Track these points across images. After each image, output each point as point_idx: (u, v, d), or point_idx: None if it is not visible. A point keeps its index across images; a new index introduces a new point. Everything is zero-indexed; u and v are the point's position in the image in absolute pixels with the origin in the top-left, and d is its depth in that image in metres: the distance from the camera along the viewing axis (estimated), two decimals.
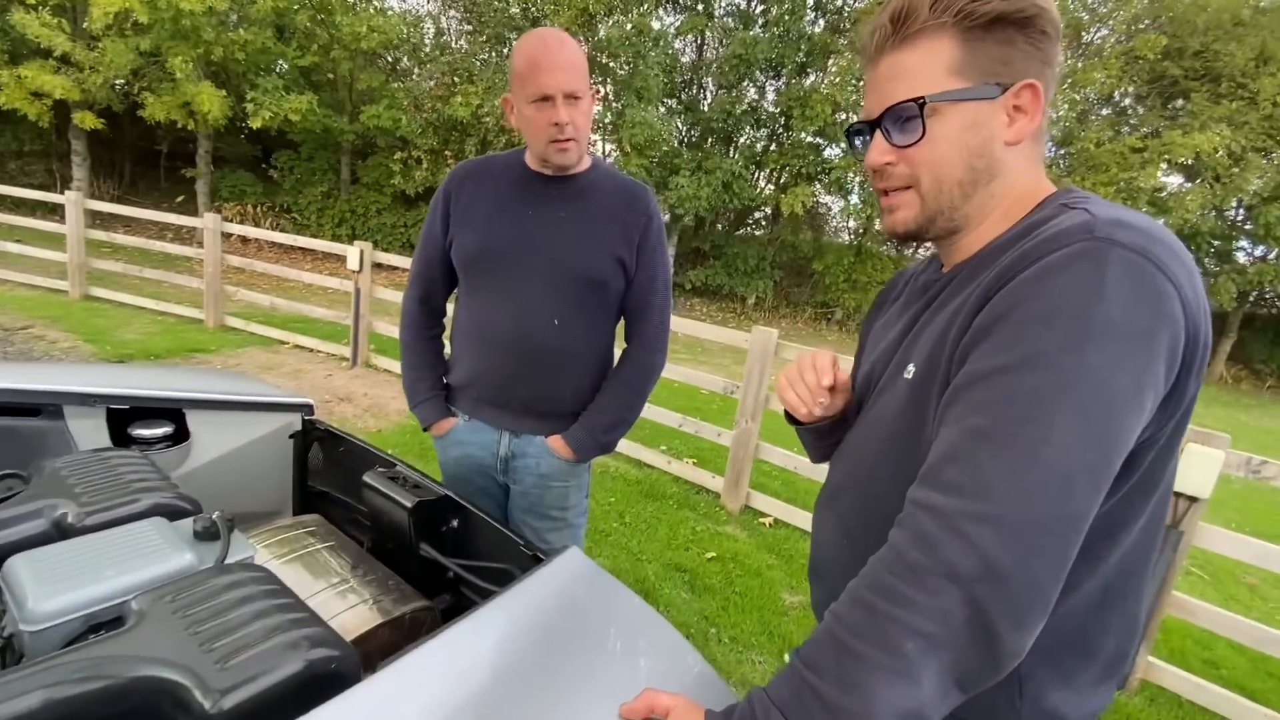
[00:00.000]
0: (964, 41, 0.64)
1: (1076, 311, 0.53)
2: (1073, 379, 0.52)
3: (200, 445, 1.38)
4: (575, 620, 0.92)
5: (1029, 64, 0.64)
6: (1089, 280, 0.53)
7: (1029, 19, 0.63)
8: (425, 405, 1.49)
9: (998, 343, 0.57)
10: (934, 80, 0.65)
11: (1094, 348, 0.52)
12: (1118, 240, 0.54)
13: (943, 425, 0.60)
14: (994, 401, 0.55)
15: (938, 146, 0.66)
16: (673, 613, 2.55)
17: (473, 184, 1.41)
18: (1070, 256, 0.55)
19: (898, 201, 0.72)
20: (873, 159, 0.71)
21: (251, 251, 11.09)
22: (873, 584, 0.57)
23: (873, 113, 0.70)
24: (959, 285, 0.70)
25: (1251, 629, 2.29)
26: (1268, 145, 13.11)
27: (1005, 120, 0.66)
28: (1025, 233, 0.64)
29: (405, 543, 1.19)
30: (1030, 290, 0.56)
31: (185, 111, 10.52)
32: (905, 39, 0.66)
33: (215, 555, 0.89)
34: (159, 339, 5.52)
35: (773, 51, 12.63)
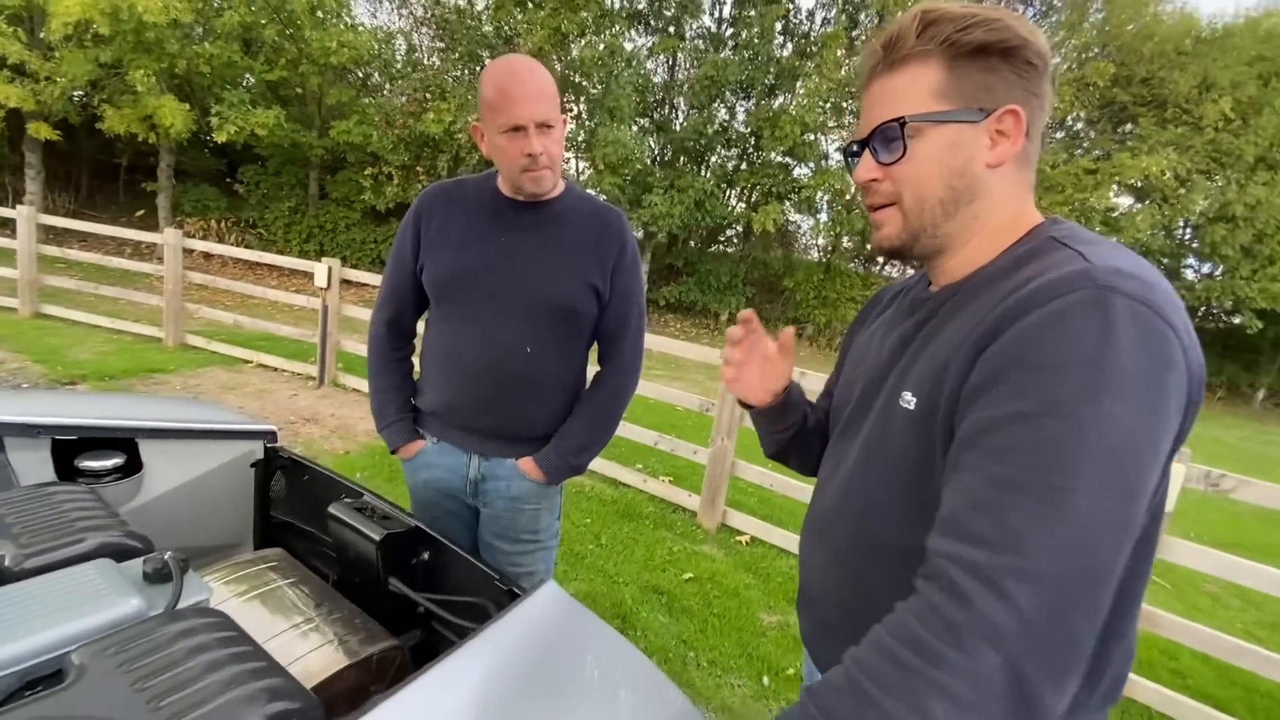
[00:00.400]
0: (949, 67, 0.67)
1: (1090, 360, 0.53)
2: (1093, 428, 0.52)
3: (154, 477, 1.31)
4: (554, 660, 0.89)
5: (1012, 91, 0.67)
6: (1098, 329, 0.54)
7: (1013, 49, 0.66)
8: (393, 428, 1.45)
9: (1013, 389, 0.56)
10: (917, 102, 0.68)
11: (1110, 396, 0.53)
12: (1120, 289, 0.55)
13: (959, 471, 0.59)
14: (1015, 449, 0.55)
15: (919, 165, 0.69)
16: (650, 637, 2.51)
17: (444, 207, 1.39)
18: (1077, 305, 0.56)
19: (883, 218, 0.75)
20: (860, 175, 0.74)
21: (215, 268, 10.80)
22: (902, 636, 0.55)
23: (863, 132, 0.74)
24: (952, 310, 0.71)
25: (1216, 639, 2.34)
26: (1211, 168, 13.78)
27: (988, 144, 0.68)
28: (1016, 264, 0.66)
29: (373, 577, 1.14)
30: (1040, 336, 0.56)
31: (146, 125, 10.26)
32: (894, 64, 0.70)
33: (166, 600, 0.84)
34: (114, 359, 5.30)
35: (742, 73, 12.88)
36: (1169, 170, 13.20)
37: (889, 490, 0.73)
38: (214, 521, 1.41)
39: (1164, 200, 13.77)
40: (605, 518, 3.56)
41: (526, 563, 1.54)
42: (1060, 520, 0.51)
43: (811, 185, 12.75)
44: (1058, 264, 0.61)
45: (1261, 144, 13.40)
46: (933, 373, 0.67)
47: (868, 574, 0.76)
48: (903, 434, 0.71)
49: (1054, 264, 0.61)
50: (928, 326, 0.74)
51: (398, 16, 13.80)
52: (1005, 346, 0.58)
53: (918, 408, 0.69)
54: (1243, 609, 3.86)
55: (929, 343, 0.71)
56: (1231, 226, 13.67)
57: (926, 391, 0.68)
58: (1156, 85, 14.12)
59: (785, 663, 2.47)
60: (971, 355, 0.62)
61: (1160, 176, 13.17)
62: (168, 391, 4.81)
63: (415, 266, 1.40)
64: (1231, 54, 13.67)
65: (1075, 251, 0.62)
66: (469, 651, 0.85)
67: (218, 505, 1.41)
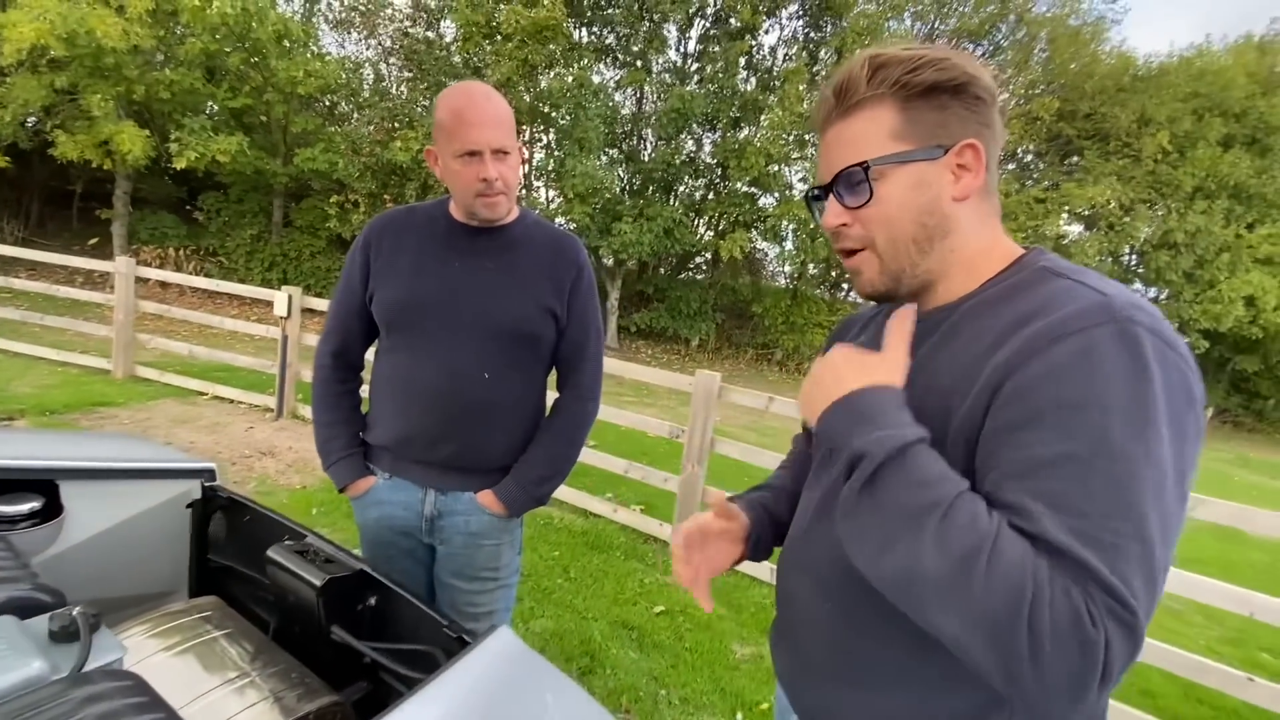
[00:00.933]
0: (902, 109, 0.68)
1: (1131, 397, 0.54)
2: (1143, 469, 0.53)
3: (75, 521, 1.21)
4: (505, 712, 0.83)
5: (966, 126, 0.68)
6: (1132, 366, 0.55)
7: (961, 85, 0.67)
8: (341, 465, 1.38)
9: (1056, 429, 0.56)
10: (877, 145, 0.69)
11: (1152, 435, 0.54)
12: (1141, 323, 0.57)
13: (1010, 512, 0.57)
14: (1074, 495, 0.54)
15: (887, 206, 0.69)
16: (620, 674, 2.42)
17: (394, 235, 1.35)
18: (1106, 339, 0.56)
19: (858, 263, 0.74)
20: (829, 221, 0.74)
21: (173, 297, 10.46)
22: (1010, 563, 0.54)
23: (824, 178, 0.74)
24: (943, 340, 0.70)
25: (1181, 658, 2.36)
26: (1152, 197, 14.53)
27: (951, 179, 0.69)
28: (1011, 293, 0.67)
29: (314, 626, 1.07)
30: (1076, 373, 0.56)
31: (102, 151, 9.98)
32: (847, 110, 0.71)
33: (73, 661, 0.76)
34: (57, 392, 5.05)
35: (708, 106, 13.19)
36: (1113, 199, 13.88)
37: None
38: (145, 568, 1.31)
39: (1110, 228, 14.43)
40: (574, 550, 3.47)
41: (486, 602, 1.47)
42: (1134, 567, 0.52)
43: (776, 214, 13.03)
44: (1065, 294, 0.62)
45: (1198, 175, 14.20)
46: (933, 402, 0.66)
47: (859, 606, 0.72)
48: None
49: (1060, 294, 0.62)
50: (918, 353, 0.72)
51: (365, 47, 13.83)
52: (1036, 382, 0.58)
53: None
54: (1205, 625, 3.92)
55: (920, 372, 0.70)
56: (1174, 253, 14.37)
57: (926, 419, 0.66)
58: (1099, 119, 14.91)
59: (759, 696, 2.40)
60: (991, 386, 0.61)
61: (1106, 205, 13.84)
62: (115, 426, 4.59)
63: (364, 295, 1.36)
64: (1167, 91, 14.54)
65: (1077, 282, 0.63)
66: (413, 706, 0.79)
67: (149, 550, 1.31)
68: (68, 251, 8.98)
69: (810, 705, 0.82)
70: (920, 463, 0.59)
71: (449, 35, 13.32)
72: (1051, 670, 0.51)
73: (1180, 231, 14.14)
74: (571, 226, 12.35)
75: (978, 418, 0.61)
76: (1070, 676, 0.51)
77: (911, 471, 0.59)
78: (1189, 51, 15.96)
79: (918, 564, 0.56)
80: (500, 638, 0.90)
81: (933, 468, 0.59)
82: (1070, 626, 0.50)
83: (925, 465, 0.59)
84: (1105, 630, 0.51)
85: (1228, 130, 14.54)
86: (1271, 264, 14.29)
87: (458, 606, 1.45)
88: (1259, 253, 14.16)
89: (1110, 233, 14.40)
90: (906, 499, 0.58)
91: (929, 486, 0.58)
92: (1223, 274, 14.11)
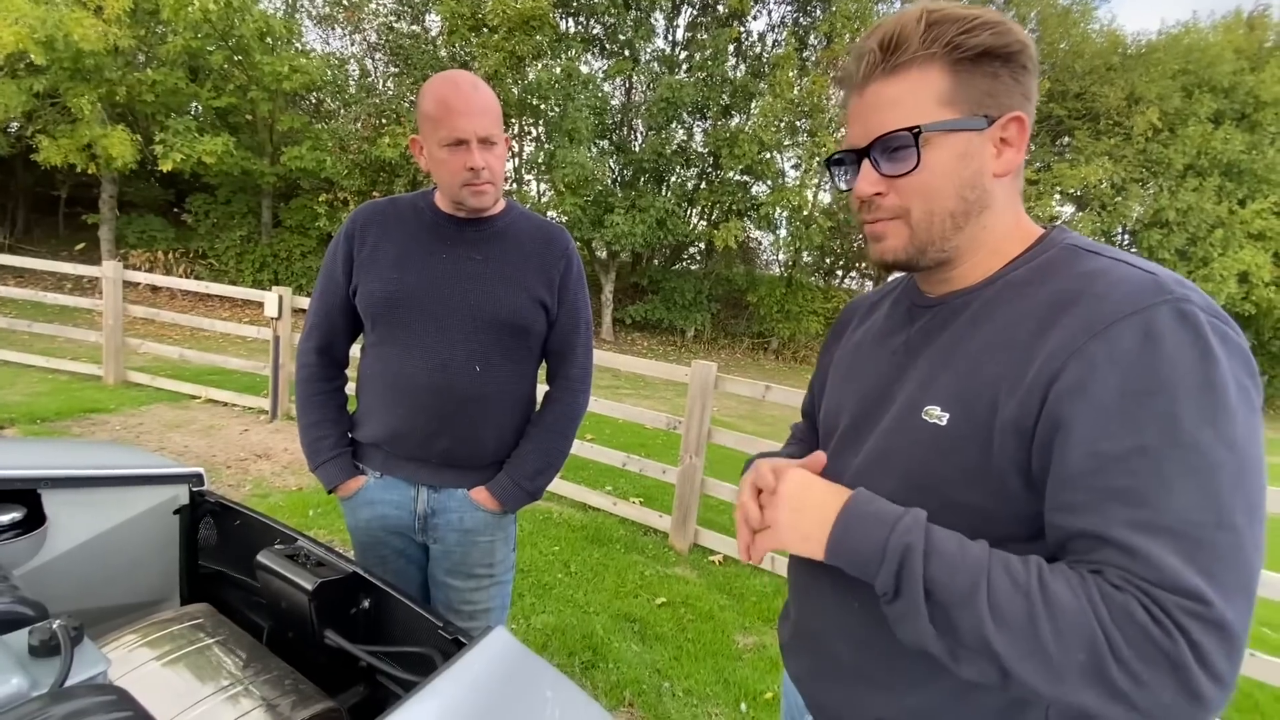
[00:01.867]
0: (953, 73, 0.63)
1: (1198, 382, 0.52)
2: (1220, 455, 0.51)
3: (59, 531, 1.19)
4: (503, 713, 0.81)
5: (1012, 97, 0.64)
6: (1196, 348, 0.52)
7: (1014, 54, 0.63)
8: (330, 465, 1.35)
9: (1122, 421, 0.53)
10: (925, 110, 0.63)
11: (1224, 418, 0.51)
12: (1195, 301, 0.54)
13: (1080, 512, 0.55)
14: (1147, 490, 0.52)
15: (931, 177, 0.65)
16: (623, 668, 2.41)
17: (378, 227, 1.32)
18: (1164, 321, 0.53)
19: (884, 230, 0.69)
20: (863, 189, 0.68)
21: (163, 301, 10.39)
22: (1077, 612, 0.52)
23: (859, 142, 0.68)
24: (973, 319, 0.67)
25: None
26: (1144, 176, 14.52)
27: (994, 152, 0.65)
28: (1042, 272, 0.64)
29: (308, 631, 1.04)
30: (1138, 358, 0.53)
31: (86, 155, 9.86)
32: (895, 68, 0.64)
33: (53, 676, 0.73)
34: (48, 399, 5.00)
35: (698, 95, 13.10)
36: (1105, 179, 13.86)
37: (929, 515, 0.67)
38: (133, 577, 1.28)
39: (1103, 208, 14.43)
40: (574, 544, 3.46)
41: (482, 599, 1.45)
42: (1225, 565, 0.50)
43: (769, 202, 12.98)
44: (1107, 273, 0.59)
45: (1189, 153, 14.19)
46: (974, 389, 0.63)
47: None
48: (932, 451, 0.65)
49: (1101, 273, 0.59)
50: (942, 337, 0.69)
51: (350, 42, 13.67)
52: (1096, 369, 0.55)
53: (954, 425, 0.64)
54: None
55: (951, 354, 0.67)
56: (1166, 231, 14.39)
57: (966, 408, 0.63)
58: (1089, 99, 14.87)
59: (762, 686, 2.40)
60: (1046, 375, 0.57)
61: (1098, 185, 13.82)
62: (107, 432, 4.55)
63: (348, 289, 1.33)
64: (1156, 68, 14.50)
65: (1114, 260, 0.61)
66: (410, 709, 0.77)
67: (137, 558, 1.28)
68: (55, 257, 8.90)
69: (832, 706, 0.78)
70: (941, 536, 0.58)
71: (434, 29, 13.18)
72: (1159, 692, 0.49)
73: (1172, 209, 14.15)
74: (563, 219, 12.28)
75: (1033, 408, 0.58)
76: (1176, 690, 0.49)
77: (945, 552, 0.57)
78: (1177, 28, 15.93)
79: (991, 648, 0.53)
80: (497, 638, 0.88)
81: (949, 536, 0.58)
82: (1151, 647, 0.49)
83: (945, 536, 0.58)
84: (1184, 632, 0.48)
85: (1217, 106, 14.52)
86: (1264, 239, 14.33)
87: (453, 605, 1.43)
88: (1251, 228, 14.19)
89: (1103, 212, 14.40)
90: (953, 581, 0.56)
91: (964, 561, 0.56)
92: (1215, 251, 14.15)
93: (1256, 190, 14.45)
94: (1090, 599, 0.51)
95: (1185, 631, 0.48)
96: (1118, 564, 0.52)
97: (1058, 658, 0.51)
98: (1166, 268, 0.62)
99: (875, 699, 0.72)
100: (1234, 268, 13.96)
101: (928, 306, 0.73)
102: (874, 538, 0.60)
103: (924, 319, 0.73)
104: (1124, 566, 0.52)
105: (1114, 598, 0.51)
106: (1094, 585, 0.52)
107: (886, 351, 0.76)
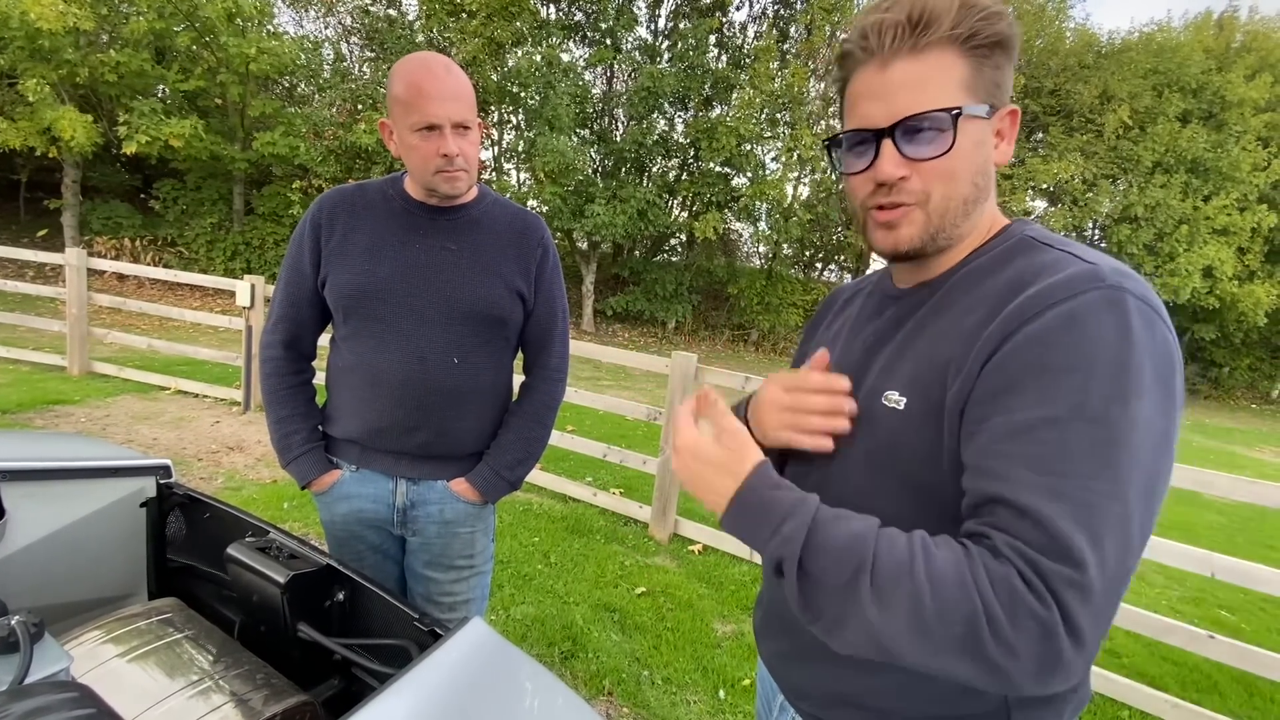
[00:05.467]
0: (969, 59, 0.63)
1: (1114, 361, 0.53)
2: (1125, 432, 0.52)
3: (19, 525, 1.15)
4: (480, 704, 0.80)
5: (1006, 89, 0.66)
6: (1117, 330, 0.54)
7: (1013, 48, 0.64)
8: (302, 460, 1.32)
9: (1037, 394, 0.55)
10: (953, 94, 0.62)
11: (1135, 398, 0.53)
12: (1129, 290, 0.56)
13: (988, 477, 0.56)
14: (1050, 457, 0.53)
15: (958, 161, 0.64)
16: (603, 658, 2.42)
17: (346, 215, 1.28)
18: (1092, 305, 0.55)
19: (899, 217, 0.67)
20: (888, 171, 0.64)
21: (131, 289, 10.09)
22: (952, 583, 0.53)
23: (881, 121, 0.64)
24: (935, 308, 0.68)
25: (1146, 618, 2.44)
26: (1114, 172, 14.81)
27: (995, 142, 0.66)
28: (999, 261, 0.65)
29: (280, 624, 1.03)
30: (1060, 338, 0.55)
31: (46, 138, 9.50)
32: (921, 47, 0.62)
33: (12, 673, 0.71)
34: (8, 391, 4.84)
35: (679, 85, 13.03)
36: (1077, 175, 14.12)
37: (886, 497, 0.67)
38: (98, 571, 1.25)
39: (1074, 203, 14.70)
40: (554, 535, 3.45)
41: (462, 590, 1.45)
42: (1106, 528, 0.51)
43: (749, 194, 12.99)
44: (1054, 264, 0.60)
45: (1158, 150, 14.50)
46: (929, 373, 0.64)
47: None
48: (891, 435, 0.67)
49: (1048, 264, 0.61)
50: (907, 325, 0.71)
51: (324, 25, 13.33)
52: (1021, 348, 0.57)
53: (910, 408, 0.66)
54: (1166, 586, 4.07)
55: (913, 342, 0.69)
56: (1135, 226, 14.70)
57: (922, 392, 0.65)
58: (1063, 96, 15.10)
59: (741, 673, 2.42)
60: (982, 356, 0.59)
61: (1070, 181, 14.07)
62: (71, 424, 4.42)
63: (316, 280, 1.29)
64: (1128, 67, 14.77)
65: (1064, 252, 0.62)
66: (385, 701, 0.76)
67: (102, 553, 1.25)
68: (16, 244, 8.58)
69: (802, 685, 0.81)
70: (827, 532, 0.58)
71: (412, 13, 12.90)
72: (1031, 660, 0.50)
73: (1141, 205, 14.46)
74: (544, 208, 12.17)
75: (968, 388, 0.60)
76: (1046, 659, 0.50)
77: (827, 548, 0.58)
78: (1150, 27, 16.24)
79: (874, 630, 0.55)
80: (474, 629, 0.87)
81: (839, 529, 0.58)
82: (1027, 616, 0.50)
83: (833, 532, 0.58)
84: (1058, 599, 0.50)
85: (1185, 105, 14.84)
86: (1227, 234, 14.73)
87: (433, 597, 1.42)
88: (1216, 224, 14.56)
89: (1074, 207, 14.67)
90: (835, 575, 0.57)
91: (847, 551, 0.57)
92: (1181, 246, 14.50)
93: (1221, 187, 14.83)
94: (973, 572, 0.52)
95: (1060, 599, 0.50)
96: (1007, 526, 0.53)
97: (937, 633, 0.52)
98: (1133, 263, 0.63)
99: (842, 677, 0.74)
100: (1199, 262, 14.32)
101: (898, 297, 0.75)
102: (758, 536, 0.62)
103: (891, 310, 0.75)
104: (1012, 528, 0.53)
105: (995, 570, 0.52)
106: (977, 557, 0.53)
107: (859, 342, 0.77)
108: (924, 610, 0.52)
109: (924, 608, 0.52)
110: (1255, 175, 14.49)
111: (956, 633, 0.51)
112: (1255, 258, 15.11)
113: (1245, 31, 16.25)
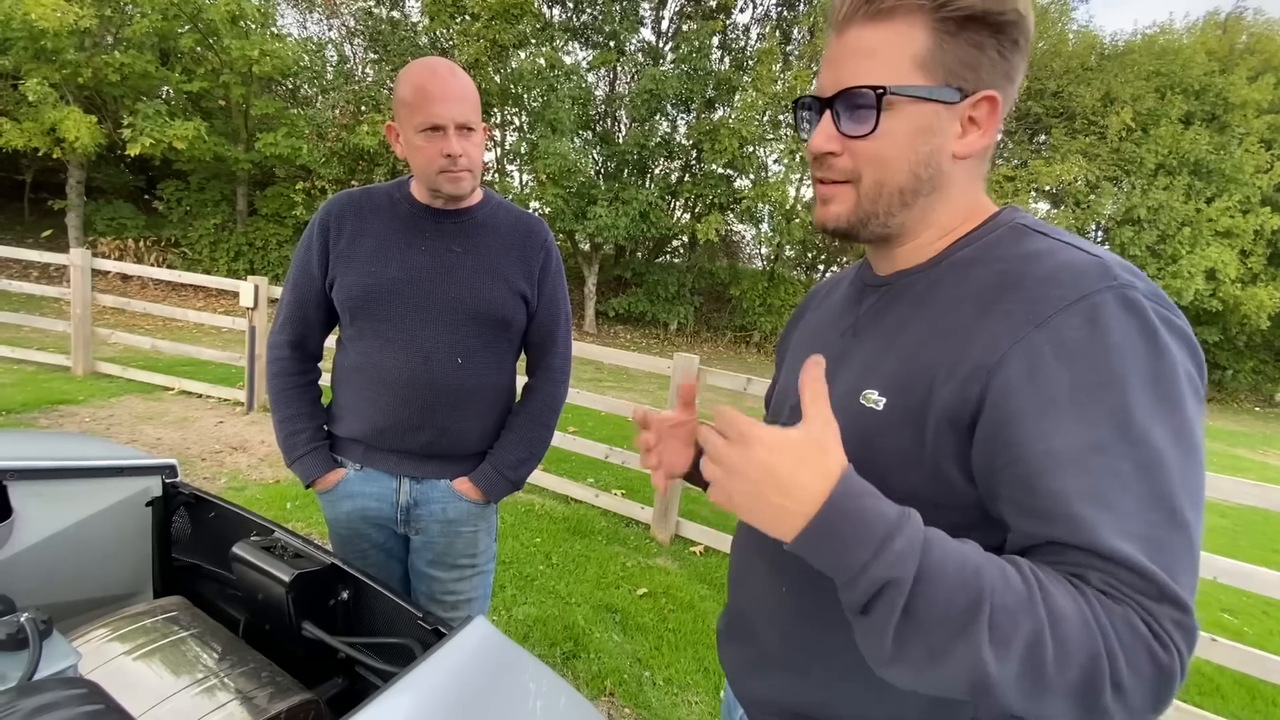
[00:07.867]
0: (935, 33, 0.57)
1: (1148, 374, 0.50)
2: (1167, 448, 0.50)
3: (25, 524, 1.16)
4: (483, 703, 0.81)
5: (993, 74, 0.59)
6: (1145, 337, 0.51)
7: (1007, 24, 0.58)
8: (307, 459, 1.33)
9: (1075, 416, 0.51)
10: (897, 70, 0.58)
11: (1174, 411, 0.50)
12: (1140, 288, 0.53)
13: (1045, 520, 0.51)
14: (1106, 490, 0.49)
15: (887, 145, 0.60)
16: (604, 659, 2.42)
17: (354, 218, 1.30)
18: (1110, 309, 0.52)
19: (831, 193, 0.65)
20: (817, 144, 0.62)
21: (134, 290, 10.13)
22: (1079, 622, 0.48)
23: (826, 90, 0.62)
24: (915, 300, 0.65)
25: None
26: (1117, 174, 14.79)
27: (958, 131, 0.60)
28: (986, 252, 0.61)
29: (285, 623, 1.03)
30: (1086, 349, 0.51)
31: (50, 139, 9.54)
32: (880, 13, 0.58)
33: (21, 670, 0.72)
34: (13, 391, 4.86)
35: (682, 87, 13.04)
36: (1080, 177, 14.10)
37: None
38: (104, 570, 1.26)
39: (1076, 205, 14.69)
40: (556, 536, 3.46)
41: (465, 589, 1.46)
42: (1178, 556, 0.49)
43: (752, 196, 12.99)
44: (1051, 254, 0.57)
45: (1160, 152, 14.49)
46: (912, 374, 0.60)
47: (818, 591, 0.65)
48: (869, 436, 0.62)
49: (1044, 253, 0.57)
50: (887, 319, 0.67)
51: (327, 27, 13.38)
52: (1043, 361, 0.52)
53: (890, 408, 0.61)
54: None
55: (895, 338, 0.64)
56: (1137, 228, 14.68)
57: (903, 393, 0.60)
58: (1066, 98, 15.09)
59: None
60: (986, 363, 0.55)
61: (1072, 183, 14.06)
62: (76, 424, 4.44)
63: (324, 282, 1.31)
64: (1131, 69, 14.76)
65: (1060, 242, 0.58)
66: (388, 700, 0.76)
67: (108, 551, 1.26)
68: (20, 245, 8.61)
69: (760, 697, 0.76)
70: (939, 556, 0.49)
71: (415, 15, 12.94)
72: (1137, 702, 0.47)
73: (1143, 207, 14.43)
74: (546, 210, 12.19)
75: (972, 398, 0.55)
76: (1153, 700, 0.47)
77: (941, 576, 0.48)
78: (1153, 29, 16.23)
79: (983, 672, 0.47)
80: (477, 628, 0.88)
81: (950, 553, 0.50)
82: (1149, 663, 0.46)
83: (944, 555, 0.50)
84: (1175, 644, 0.47)
85: (1188, 107, 14.82)
86: (1230, 236, 14.70)
87: (436, 596, 1.43)
88: (1218, 226, 14.53)
89: (1077, 209, 14.66)
90: (946, 607, 0.48)
91: (963, 582, 0.48)
92: (1184, 248, 14.47)
93: (1224, 189, 14.80)
94: (1094, 612, 0.47)
95: (1176, 644, 0.47)
96: (1100, 570, 0.49)
97: (1053, 676, 0.46)
98: (1136, 265, 0.61)
99: (800, 687, 0.70)
100: (1201, 265, 14.30)
101: (876, 286, 0.71)
102: (851, 555, 0.49)
103: (871, 299, 0.71)
104: (1107, 573, 0.49)
105: (1114, 610, 0.47)
106: (1092, 596, 0.48)
107: (836, 333, 0.74)
108: (1044, 650, 0.46)
109: (1044, 648, 0.46)
110: (1258, 177, 14.45)
111: (1072, 677, 0.46)
112: (1258, 260, 15.07)
113: (1249, 33, 16.23)
